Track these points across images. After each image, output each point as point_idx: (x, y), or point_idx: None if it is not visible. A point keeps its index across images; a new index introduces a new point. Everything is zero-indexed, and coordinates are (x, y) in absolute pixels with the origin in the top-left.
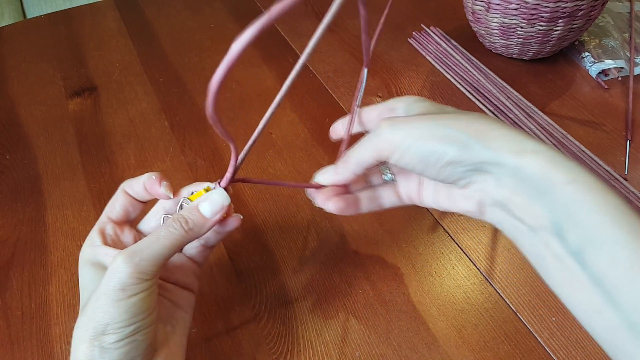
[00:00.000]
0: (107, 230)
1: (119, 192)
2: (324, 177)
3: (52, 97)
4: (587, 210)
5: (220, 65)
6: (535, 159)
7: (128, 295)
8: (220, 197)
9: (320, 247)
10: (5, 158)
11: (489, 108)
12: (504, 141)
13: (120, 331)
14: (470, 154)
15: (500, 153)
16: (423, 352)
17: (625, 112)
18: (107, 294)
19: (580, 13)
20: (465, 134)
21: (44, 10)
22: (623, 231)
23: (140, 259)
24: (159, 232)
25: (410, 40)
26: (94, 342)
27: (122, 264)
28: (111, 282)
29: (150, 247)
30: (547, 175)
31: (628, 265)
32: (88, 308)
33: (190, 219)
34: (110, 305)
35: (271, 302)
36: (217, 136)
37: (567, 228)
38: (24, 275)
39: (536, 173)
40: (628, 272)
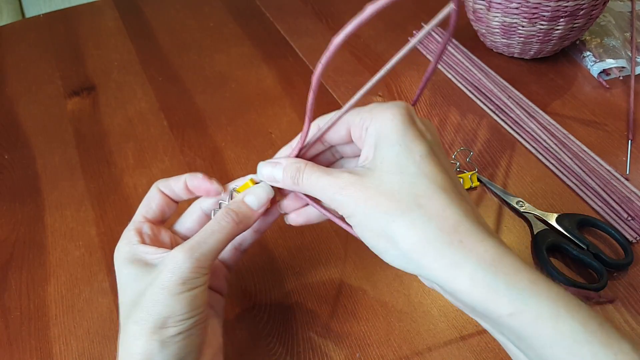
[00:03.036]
0: (144, 230)
1: (154, 191)
2: (265, 169)
3: (50, 97)
4: (538, 342)
5: (349, 24)
6: (472, 286)
7: (188, 288)
8: (264, 189)
9: (320, 247)
10: (4, 158)
11: (490, 107)
12: (441, 264)
13: (181, 324)
14: (408, 266)
15: (436, 276)
16: (424, 353)
17: (627, 111)
18: (168, 288)
19: (581, 12)
20: (404, 244)
21: (42, 9)
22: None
23: (200, 253)
24: (212, 227)
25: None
26: (154, 335)
27: (183, 259)
28: (172, 277)
29: (207, 242)
30: (487, 306)
31: None
32: (145, 303)
33: (239, 212)
34: (171, 298)
35: (271, 303)
36: (217, 135)
37: (523, 349)
38: (22, 276)
39: (477, 303)
40: None
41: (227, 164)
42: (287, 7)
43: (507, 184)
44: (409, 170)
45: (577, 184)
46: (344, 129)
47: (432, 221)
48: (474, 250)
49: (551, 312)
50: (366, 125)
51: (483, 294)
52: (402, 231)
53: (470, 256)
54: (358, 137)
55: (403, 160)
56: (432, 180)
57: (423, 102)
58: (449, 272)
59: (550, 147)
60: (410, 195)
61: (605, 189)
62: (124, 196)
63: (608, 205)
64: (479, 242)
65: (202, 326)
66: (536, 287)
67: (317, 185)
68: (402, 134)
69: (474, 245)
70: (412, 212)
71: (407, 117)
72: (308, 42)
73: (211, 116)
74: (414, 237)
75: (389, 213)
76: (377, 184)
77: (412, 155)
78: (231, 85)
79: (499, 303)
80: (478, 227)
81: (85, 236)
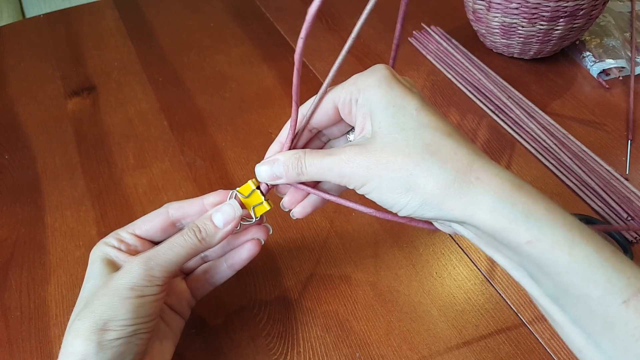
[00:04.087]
0: (128, 241)
1: (161, 212)
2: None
3: (51, 97)
4: (554, 269)
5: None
6: (492, 218)
7: (136, 295)
8: (231, 208)
9: (320, 247)
10: (4, 158)
11: (490, 108)
12: (462, 202)
13: (122, 329)
14: (430, 211)
15: (457, 214)
16: (423, 353)
17: (627, 111)
18: (116, 290)
19: (581, 12)
20: (425, 191)
21: (42, 9)
22: (598, 288)
23: (156, 263)
24: (174, 240)
25: (410, 39)
26: (92, 336)
27: (137, 265)
28: (123, 280)
29: (166, 254)
30: (506, 235)
31: (608, 321)
32: (93, 302)
33: (203, 229)
34: (117, 301)
35: (271, 303)
36: (217, 135)
37: (539, 278)
38: (22, 276)
39: (497, 232)
40: (608, 327)
41: (227, 164)
42: (287, 7)
43: None
44: (409, 125)
45: (577, 184)
46: (331, 109)
47: (447, 164)
48: (491, 184)
49: (566, 239)
50: (354, 98)
51: (503, 224)
52: (421, 181)
53: (488, 190)
54: (347, 112)
55: (400, 118)
56: (435, 128)
57: None
58: (470, 209)
59: (550, 147)
60: (418, 146)
61: (605, 189)
62: (124, 196)
63: (608, 205)
64: (495, 175)
65: (146, 337)
66: (552, 215)
67: (322, 168)
68: (392, 94)
69: (491, 180)
70: (426, 161)
71: (391, 78)
72: (308, 42)
73: (211, 116)
74: (433, 183)
75: (404, 168)
76: (383, 146)
77: (408, 110)
78: (231, 85)
79: (518, 232)
80: (490, 162)
81: (86, 236)
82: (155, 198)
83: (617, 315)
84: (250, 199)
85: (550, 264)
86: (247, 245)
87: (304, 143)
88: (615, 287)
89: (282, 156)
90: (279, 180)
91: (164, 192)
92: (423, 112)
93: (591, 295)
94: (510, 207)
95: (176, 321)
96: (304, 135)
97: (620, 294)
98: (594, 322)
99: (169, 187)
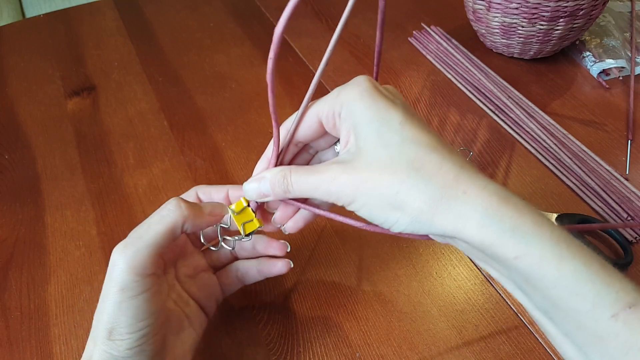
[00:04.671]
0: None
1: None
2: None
3: (50, 97)
4: (542, 283)
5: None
6: (480, 233)
7: (129, 296)
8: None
9: (320, 247)
10: (4, 158)
11: (490, 108)
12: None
13: (128, 338)
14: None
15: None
16: (423, 353)
17: (627, 111)
18: (109, 294)
19: (581, 12)
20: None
21: (42, 9)
22: (587, 302)
23: (134, 251)
24: (150, 219)
25: (410, 39)
26: (105, 347)
27: (118, 259)
28: (111, 282)
29: (143, 237)
30: (494, 250)
31: (598, 335)
32: (98, 309)
33: (188, 203)
34: (113, 307)
35: (271, 303)
36: (217, 135)
37: (528, 291)
38: (22, 276)
39: (486, 247)
40: (598, 340)
41: (227, 164)
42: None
43: (507, 184)
44: (393, 140)
45: (577, 184)
46: (315, 122)
47: (432, 179)
48: (479, 198)
49: (554, 253)
50: (337, 112)
51: (491, 240)
52: (408, 198)
53: (476, 204)
54: (332, 126)
55: (384, 133)
56: (419, 143)
57: (423, 102)
58: (459, 223)
59: (550, 147)
60: (403, 162)
61: (605, 189)
62: (124, 196)
63: (608, 205)
64: (482, 188)
65: (157, 338)
66: (539, 229)
67: (308, 186)
68: (375, 108)
69: (478, 193)
70: (411, 178)
71: (373, 90)
72: (308, 42)
73: (211, 116)
74: (420, 200)
75: (390, 186)
76: (368, 163)
77: (392, 125)
78: (231, 85)
79: (506, 247)
80: (477, 174)
81: (86, 236)
82: (155, 198)
83: (607, 329)
84: (242, 216)
85: (538, 278)
86: (280, 264)
87: (290, 157)
88: (604, 301)
89: (268, 174)
90: (267, 198)
91: (164, 192)
92: (407, 126)
93: (580, 309)
94: (498, 222)
95: (199, 317)
96: (290, 149)
97: (610, 308)
98: (583, 335)
99: (169, 187)
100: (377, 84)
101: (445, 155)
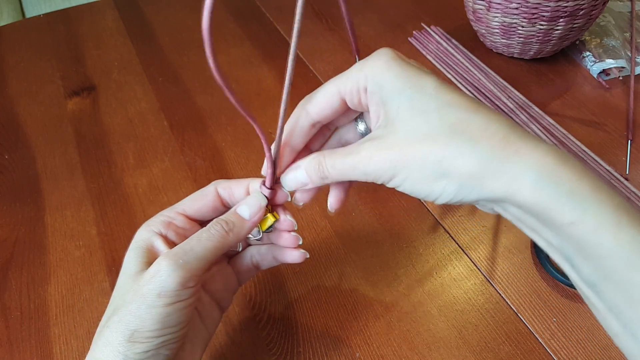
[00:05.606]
0: (177, 222)
1: (211, 190)
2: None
3: (50, 97)
4: (596, 252)
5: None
6: (535, 196)
7: (165, 303)
8: (256, 199)
9: (320, 247)
10: (4, 158)
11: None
12: (503, 180)
13: (148, 341)
14: (470, 194)
15: (498, 194)
16: (423, 353)
17: (627, 111)
18: (144, 297)
19: (581, 12)
20: (460, 175)
21: (42, 9)
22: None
23: (185, 261)
24: (200, 235)
25: (410, 39)
26: (120, 348)
27: (166, 266)
28: (150, 286)
29: (195, 250)
30: (549, 214)
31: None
32: (121, 308)
33: (229, 221)
34: (144, 310)
35: (271, 303)
36: (217, 135)
37: (577, 262)
38: (22, 276)
39: (540, 211)
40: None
41: (227, 164)
42: (287, 7)
43: None
44: (430, 106)
45: None
46: (336, 101)
47: (480, 142)
48: (532, 158)
49: (612, 221)
50: (362, 86)
51: (546, 203)
52: (455, 163)
53: (530, 164)
54: (357, 102)
55: (419, 100)
56: (459, 106)
57: None
58: (512, 185)
59: None
60: (444, 127)
61: None
62: (124, 196)
63: None
64: (536, 147)
65: (175, 346)
66: (598, 194)
67: (345, 169)
68: (405, 76)
69: (532, 152)
70: (454, 142)
71: (400, 60)
72: (308, 42)
73: (211, 116)
74: (468, 163)
75: (432, 155)
76: (405, 135)
77: (427, 90)
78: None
79: (561, 211)
80: (528, 134)
81: (86, 236)
82: (155, 198)
83: None
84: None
85: (593, 247)
86: (296, 254)
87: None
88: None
89: (302, 162)
90: (306, 186)
91: (164, 192)
92: (443, 90)
93: (633, 281)
94: (554, 184)
95: (213, 314)
96: (308, 132)
97: None
98: (632, 310)
99: (169, 187)
100: (400, 53)
101: (491, 116)
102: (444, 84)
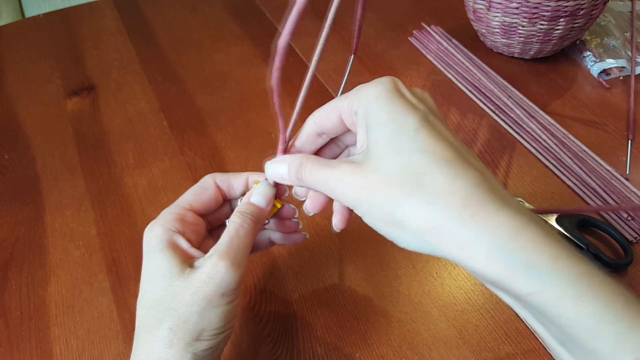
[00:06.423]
0: (188, 218)
1: (210, 182)
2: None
3: (50, 97)
4: (559, 322)
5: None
6: (489, 265)
7: (227, 301)
8: (267, 188)
9: (320, 247)
10: (4, 158)
11: (490, 107)
12: (457, 244)
13: (213, 338)
14: (425, 248)
15: (452, 256)
16: (423, 353)
17: (627, 111)
18: (207, 298)
19: (581, 12)
20: (414, 227)
21: (42, 9)
22: (607, 344)
23: (239, 260)
24: (238, 232)
25: (411, 39)
26: (189, 347)
27: (224, 267)
28: (213, 287)
29: (241, 247)
30: (505, 285)
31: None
32: (183, 310)
33: (254, 213)
34: (209, 310)
35: (271, 303)
36: (217, 135)
37: (544, 323)
38: (22, 276)
39: (496, 281)
40: None
41: (227, 164)
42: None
43: (507, 183)
44: (405, 147)
45: (577, 184)
46: (336, 117)
47: (438, 199)
48: (489, 224)
49: (573, 292)
50: (354, 109)
51: (501, 274)
52: (409, 214)
53: (485, 231)
54: (351, 123)
55: (397, 139)
56: (431, 154)
57: None
58: (465, 251)
59: (550, 147)
60: (410, 175)
61: (605, 189)
62: (124, 196)
63: (608, 205)
64: (494, 214)
65: (228, 338)
66: (557, 264)
67: (318, 180)
68: (390, 110)
69: (489, 219)
70: (416, 193)
71: (393, 92)
72: (308, 42)
73: (211, 116)
74: (422, 219)
75: (393, 198)
76: (376, 169)
77: (406, 130)
78: (231, 85)
79: (518, 283)
80: (491, 197)
81: (86, 236)
82: (155, 198)
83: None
84: None
85: (554, 316)
86: (297, 236)
87: (315, 148)
88: (626, 345)
89: (290, 158)
90: (284, 181)
91: (164, 192)
92: (422, 133)
93: (600, 351)
94: (509, 255)
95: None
96: (315, 140)
97: (632, 352)
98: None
99: (168, 187)
100: (402, 85)
101: (459, 170)
102: (426, 126)
